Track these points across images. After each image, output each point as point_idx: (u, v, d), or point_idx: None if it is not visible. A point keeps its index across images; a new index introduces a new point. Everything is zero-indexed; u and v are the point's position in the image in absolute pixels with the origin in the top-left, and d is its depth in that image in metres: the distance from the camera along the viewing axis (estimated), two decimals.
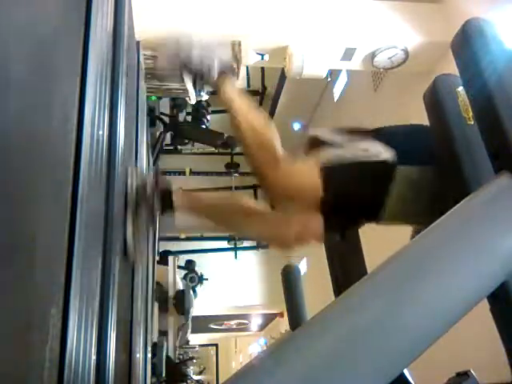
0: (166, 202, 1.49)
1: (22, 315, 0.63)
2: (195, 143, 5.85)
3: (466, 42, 1.01)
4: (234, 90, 1.50)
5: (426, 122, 1.31)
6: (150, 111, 4.14)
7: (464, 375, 1.06)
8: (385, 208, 1.35)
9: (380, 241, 2.34)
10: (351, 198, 1.36)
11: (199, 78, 1.50)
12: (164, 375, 3.94)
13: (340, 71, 5.27)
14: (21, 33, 0.66)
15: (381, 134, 1.42)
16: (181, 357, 5.92)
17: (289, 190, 1.39)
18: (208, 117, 4.90)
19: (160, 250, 5.64)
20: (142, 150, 2.53)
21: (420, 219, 1.36)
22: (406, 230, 1.52)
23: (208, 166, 7.14)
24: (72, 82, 0.94)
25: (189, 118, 5.10)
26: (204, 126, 4.90)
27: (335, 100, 5.68)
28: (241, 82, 5.45)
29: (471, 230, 0.87)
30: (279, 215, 1.47)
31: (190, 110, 4.98)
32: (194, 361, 6.92)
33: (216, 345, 12.13)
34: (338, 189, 1.35)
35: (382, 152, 1.34)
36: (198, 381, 6.47)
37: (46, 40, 0.79)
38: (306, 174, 1.39)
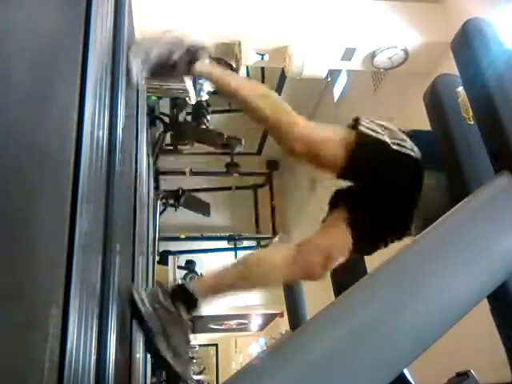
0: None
1: (22, 315, 0.63)
2: (195, 143, 5.85)
3: (466, 42, 1.01)
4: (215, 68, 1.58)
5: (426, 121, 1.31)
6: (150, 111, 4.14)
7: (464, 375, 1.06)
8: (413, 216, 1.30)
9: None
10: (379, 184, 1.30)
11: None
12: (164, 375, 3.94)
13: (340, 71, 5.27)
14: (21, 33, 0.66)
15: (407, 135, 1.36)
16: None
17: (314, 144, 1.31)
18: (208, 117, 4.90)
19: (160, 250, 5.64)
20: (142, 150, 2.53)
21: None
22: None
23: (208, 166, 7.14)
24: (72, 82, 0.94)
25: (189, 118, 5.10)
26: (204, 126, 4.90)
27: (335, 100, 5.67)
28: None
29: (471, 229, 0.87)
30: (299, 249, 1.38)
31: (189, 109, 4.98)
32: (194, 361, 6.92)
33: (216, 345, 12.12)
34: (367, 164, 1.29)
35: (415, 149, 1.30)
36: (197, 381, 6.48)
37: (46, 40, 0.79)
38: (333, 132, 1.35)
